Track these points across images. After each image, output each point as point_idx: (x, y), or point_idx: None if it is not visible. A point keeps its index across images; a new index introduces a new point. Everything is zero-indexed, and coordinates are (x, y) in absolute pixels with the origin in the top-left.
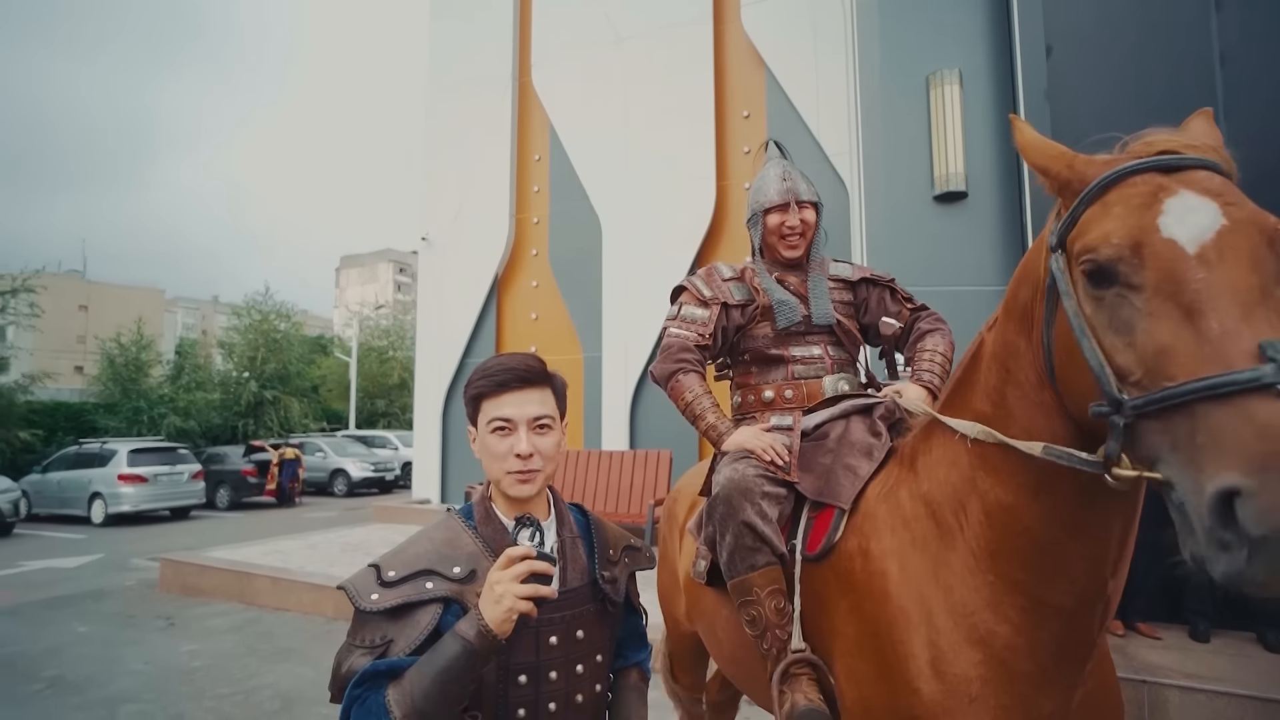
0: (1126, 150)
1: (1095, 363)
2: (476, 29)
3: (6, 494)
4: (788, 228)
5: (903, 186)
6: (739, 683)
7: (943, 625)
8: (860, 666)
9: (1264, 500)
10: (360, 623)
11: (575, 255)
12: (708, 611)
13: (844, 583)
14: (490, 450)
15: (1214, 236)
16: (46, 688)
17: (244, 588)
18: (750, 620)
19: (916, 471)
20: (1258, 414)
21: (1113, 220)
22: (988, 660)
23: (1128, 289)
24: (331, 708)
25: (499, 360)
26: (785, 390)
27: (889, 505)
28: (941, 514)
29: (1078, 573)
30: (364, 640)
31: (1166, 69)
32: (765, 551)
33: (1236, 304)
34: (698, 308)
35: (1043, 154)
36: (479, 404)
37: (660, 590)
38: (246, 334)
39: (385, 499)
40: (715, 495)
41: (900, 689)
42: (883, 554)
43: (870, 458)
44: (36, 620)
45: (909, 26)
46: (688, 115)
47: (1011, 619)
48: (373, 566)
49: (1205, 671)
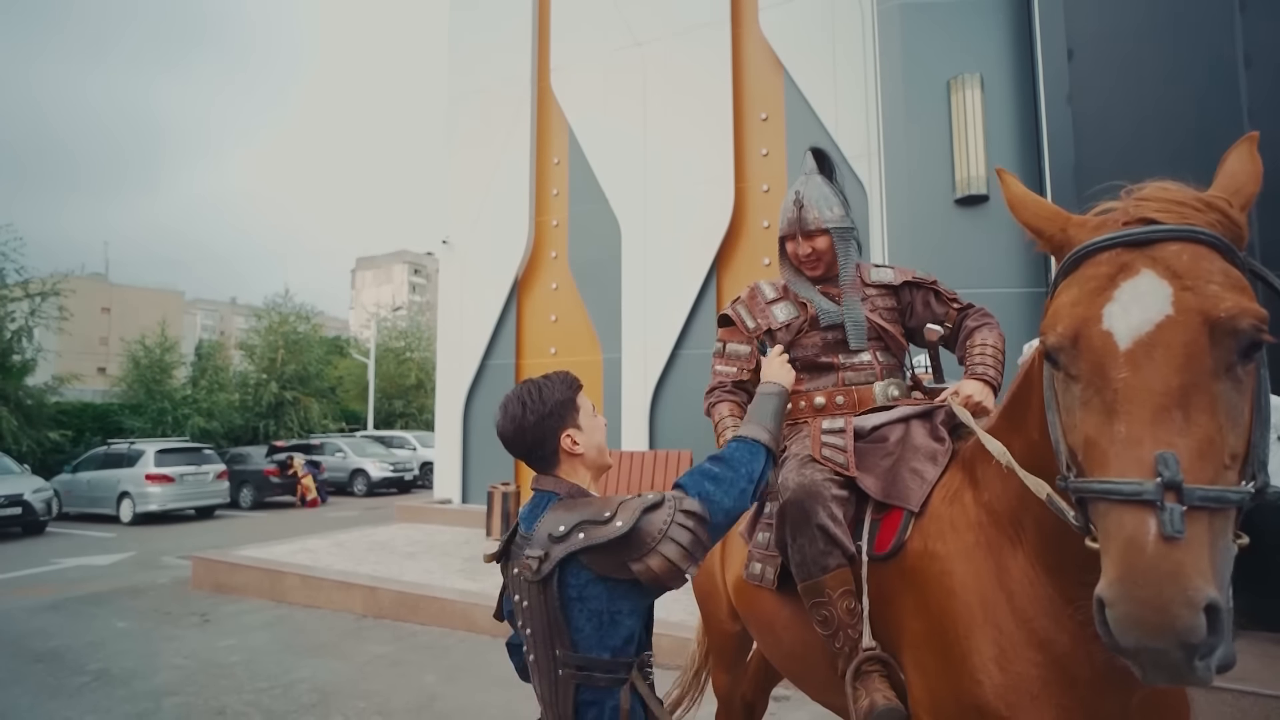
0: (1115, 211)
1: (1054, 438)
2: (496, 33)
3: (39, 493)
4: (802, 256)
5: (924, 190)
6: (797, 680)
7: (1005, 626)
8: (927, 659)
9: (1118, 612)
10: (649, 521)
11: (594, 257)
12: (765, 613)
13: (911, 581)
14: (598, 427)
15: (1151, 331)
16: (93, 680)
17: (275, 585)
18: (823, 620)
19: (976, 478)
20: (1126, 526)
21: (1065, 306)
22: (1048, 663)
23: (1069, 378)
24: (368, 699)
25: (557, 374)
26: (836, 396)
27: (955, 509)
28: (1002, 524)
29: None
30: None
31: (1191, 71)
32: (836, 554)
33: (1149, 409)
34: (741, 344)
35: (1034, 214)
36: (575, 402)
37: (698, 593)
38: (266, 336)
39: (406, 499)
40: (787, 500)
41: (965, 680)
42: (949, 555)
43: (935, 462)
44: (77, 615)
45: (930, 31)
46: (706, 118)
47: (1070, 630)
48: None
49: (1233, 671)
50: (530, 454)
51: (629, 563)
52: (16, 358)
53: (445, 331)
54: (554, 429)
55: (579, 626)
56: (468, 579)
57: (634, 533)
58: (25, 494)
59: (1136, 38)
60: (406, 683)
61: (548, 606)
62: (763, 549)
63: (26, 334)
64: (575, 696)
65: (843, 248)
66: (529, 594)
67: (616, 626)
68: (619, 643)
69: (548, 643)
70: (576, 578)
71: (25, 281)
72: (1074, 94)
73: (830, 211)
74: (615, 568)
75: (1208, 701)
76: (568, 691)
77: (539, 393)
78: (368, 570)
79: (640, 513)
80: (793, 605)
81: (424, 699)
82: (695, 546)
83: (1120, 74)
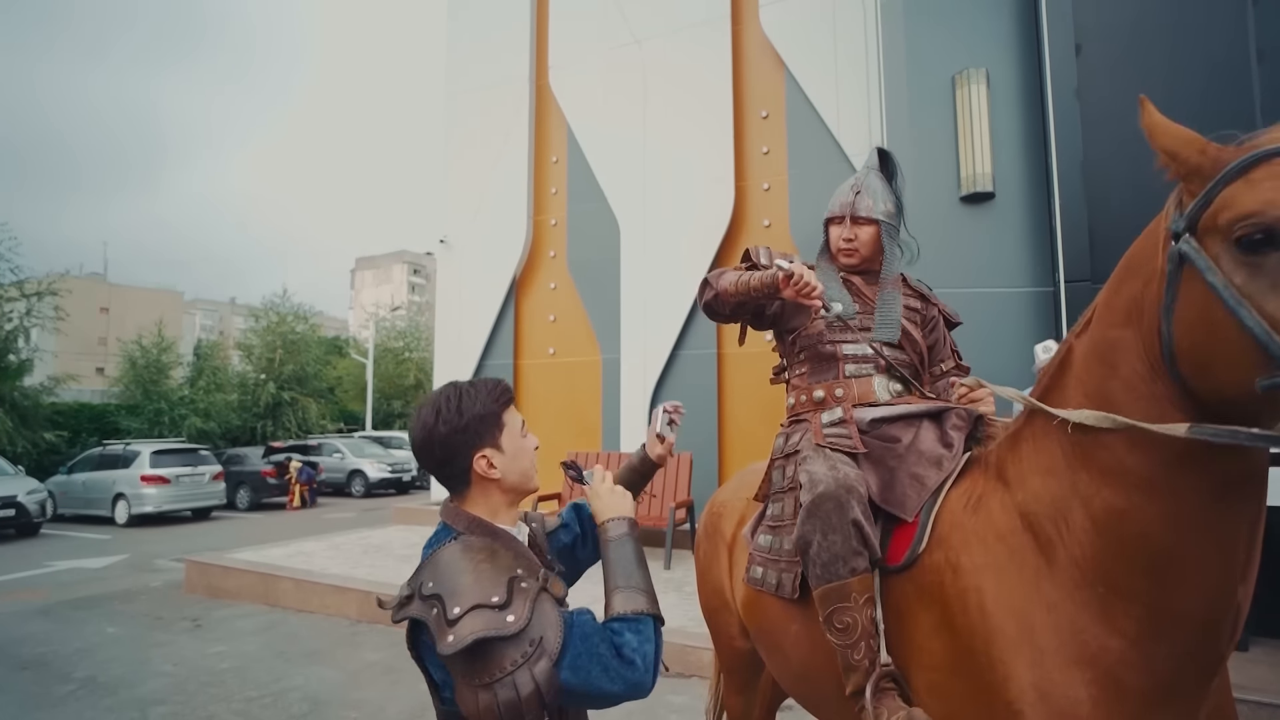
0: (1257, 141)
1: (1260, 330)
2: (494, 31)
3: (33, 495)
4: (843, 240)
5: (929, 187)
6: (805, 701)
7: (1046, 645)
8: (950, 684)
9: None
10: (500, 651)
11: (593, 257)
12: (774, 628)
13: (929, 597)
14: (524, 450)
15: None
16: (79, 688)
17: (269, 589)
18: (844, 629)
19: (1007, 482)
20: None
21: (1268, 190)
22: (1098, 679)
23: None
24: (360, 708)
25: (486, 381)
26: (836, 389)
27: (979, 518)
28: (1040, 526)
29: (1203, 578)
30: (521, 656)
31: (1201, 66)
32: (865, 556)
33: None
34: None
35: (1174, 138)
36: (499, 418)
37: (706, 609)
38: (265, 336)
39: (403, 500)
40: (822, 494)
41: (999, 711)
42: (975, 569)
43: (939, 468)
44: (67, 620)
45: (934, 26)
46: (705, 116)
47: (1126, 631)
48: (476, 608)
49: (1245, 681)
50: (439, 470)
51: (455, 674)
52: (12, 358)
53: (443, 332)
54: (467, 446)
55: (445, 681)
56: None
57: (465, 654)
58: (19, 495)
59: (1145, 31)
60: (400, 690)
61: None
62: (766, 552)
63: (22, 334)
64: None
65: (889, 244)
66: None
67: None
68: None
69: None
70: (430, 648)
71: (21, 281)
72: (1081, 88)
73: (883, 205)
74: (449, 665)
75: None
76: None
77: (457, 402)
78: (364, 574)
79: (486, 638)
80: (803, 619)
81: (417, 708)
82: (510, 712)
83: (1129, 68)
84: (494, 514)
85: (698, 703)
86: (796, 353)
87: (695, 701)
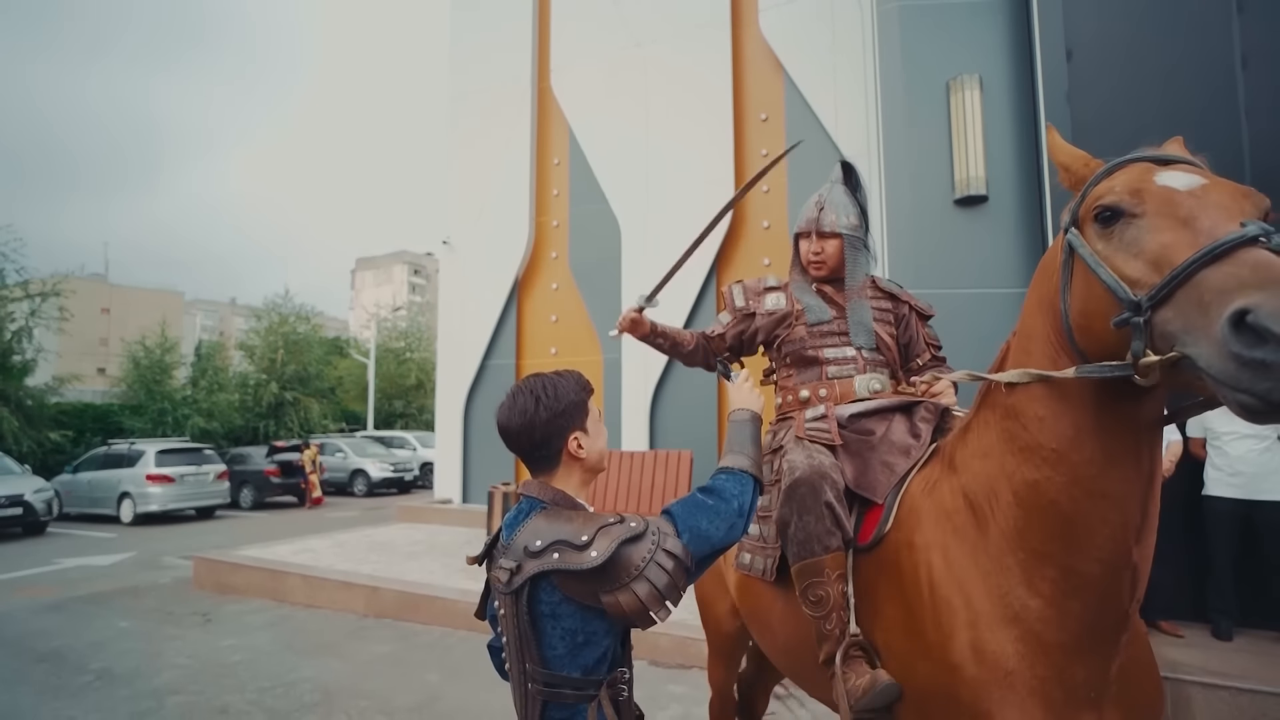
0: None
1: (1111, 280)
2: (496, 34)
3: (40, 493)
4: (812, 254)
5: (924, 190)
6: (790, 672)
7: (981, 608)
8: (904, 646)
9: (1276, 304)
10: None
11: (595, 258)
12: (761, 607)
13: (890, 571)
14: (602, 434)
15: (1199, 185)
16: (96, 679)
17: (276, 585)
18: (817, 601)
19: (956, 467)
20: (1248, 258)
21: (1117, 180)
22: (1023, 635)
23: (1131, 218)
24: (370, 698)
25: (572, 373)
26: (820, 390)
27: (932, 500)
28: (978, 503)
29: (1102, 539)
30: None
31: (1189, 72)
32: (838, 536)
33: (1221, 211)
34: (726, 314)
35: (1068, 155)
36: (586, 405)
37: (698, 594)
38: (266, 336)
39: (406, 499)
40: (798, 479)
41: (942, 668)
42: (926, 545)
43: (908, 456)
44: (79, 615)
45: (930, 32)
46: (706, 118)
47: (1043, 591)
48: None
49: (1227, 669)
50: (533, 451)
51: (599, 593)
52: (17, 358)
53: (445, 332)
54: (563, 428)
55: (551, 644)
56: (469, 579)
57: (608, 565)
58: (26, 494)
59: (1135, 38)
60: (409, 682)
61: (519, 619)
62: (754, 540)
63: (27, 334)
64: (542, 712)
65: (852, 255)
66: (505, 603)
67: (591, 646)
68: (591, 662)
69: (519, 654)
70: (549, 595)
71: (25, 282)
72: (1073, 94)
73: (846, 219)
74: (586, 594)
75: (1205, 698)
76: (535, 706)
77: (554, 389)
78: (369, 570)
79: (619, 544)
80: (786, 599)
81: (426, 698)
82: (670, 590)
83: (1119, 74)
84: (574, 493)
85: (697, 692)
86: (783, 357)
87: (694, 691)
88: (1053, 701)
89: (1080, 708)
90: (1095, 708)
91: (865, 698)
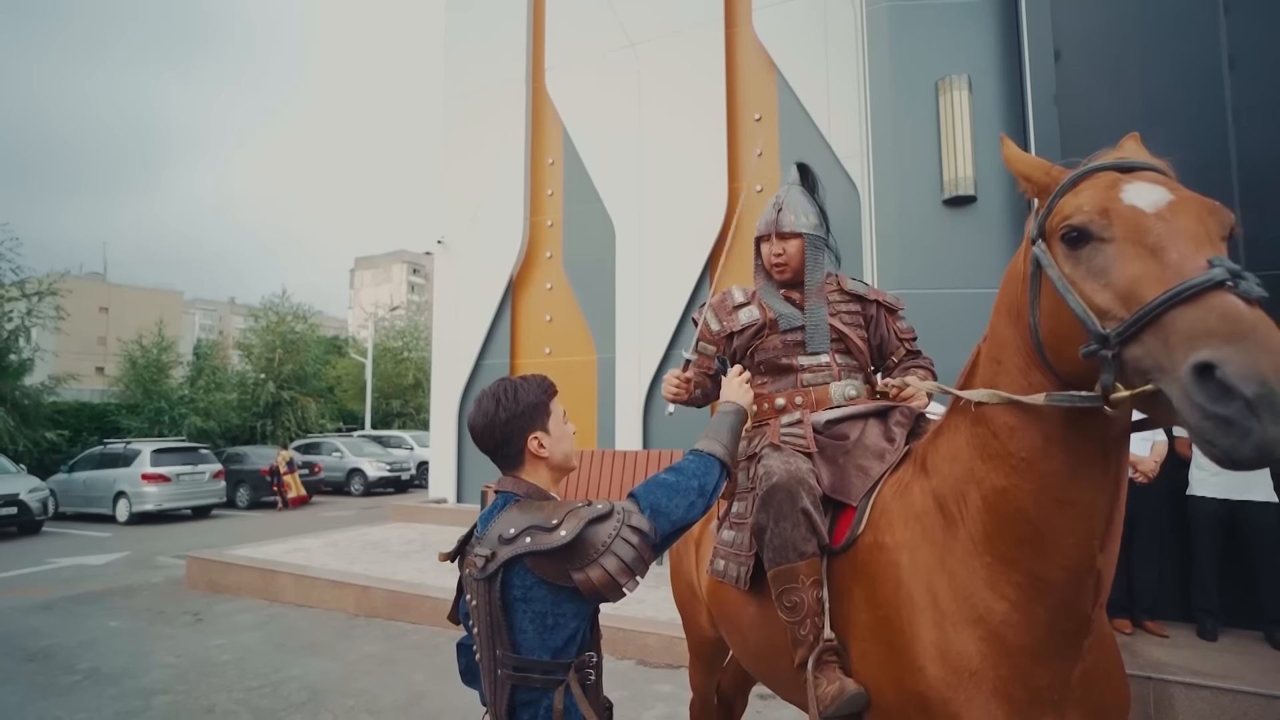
0: (1091, 160)
1: (1080, 310)
2: (491, 35)
3: (35, 493)
4: (774, 256)
5: (912, 190)
6: (763, 677)
7: (947, 608)
8: (872, 649)
9: (1240, 361)
10: (600, 527)
11: (589, 257)
12: (734, 613)
13: (860, 573)
14: (566, 434)
15: (1166, 204)
16: (84, 679)
17: (268, 585)
18: (791, 607)
19: (927, 470)
20: (1215, 305)
21: (1083, 197)
22: (986, 636)
23: (1100, 242)
24: (357, 697)
25: (535, 377)
26: (795, 397)
27: (903, 502)
28: (947, 506)
29: (1068, 546)
30: (617, 521)
31: (1175, 72)
32: (813, 542)
33: (1190, 241)
34: (709, 344)
35: (1026, 164)
36: (547, 407)
37: (679, 601)
38: (264, 335)
39: (402, 498)
40: (775, 484)
41: (908, 669)
42: (896, 546)
43: (882, 460)
44: (70, 615)
45: (919, 32)
46: (699, 118)
47: (1008, 595)
48: (569, 513)
49: (1211, 669)
50: (496, 450)
51: (570, 571)
52: (13, 357)
53: (440, 331)
54: (523, 429)
55: (521, 627)
56: None
57: (577, 542)
58: (21, 494)
59: (1122, 39)
60: (396, 681)
61: (491, 605)
62: (728, 546)
63: (24, 334)
64: (511, 697)
65: (813, 255)
66: (477, 592)
67: (559, 629)
68: (560, 643)
69: (490, 641)
70: (521, 579)
71: (22, 281)
72: (1060, 95)
73: (805, 219)
74: (557, 574)
75: (1187, 698)
76: (504, 692)
77: (514, 391)
78: (361, 570)
79: (586, 523)
80: (759, 604)
81: (412, 697)
82: (636, 563)
83: (1106, 75)
84: (544, 489)
85: (684, 692)
86: (756, 365)
87: (682, 691)
88: (1016, 703)
89: (1043, 710)
90: (1058, 711)
91: (833, 706)
